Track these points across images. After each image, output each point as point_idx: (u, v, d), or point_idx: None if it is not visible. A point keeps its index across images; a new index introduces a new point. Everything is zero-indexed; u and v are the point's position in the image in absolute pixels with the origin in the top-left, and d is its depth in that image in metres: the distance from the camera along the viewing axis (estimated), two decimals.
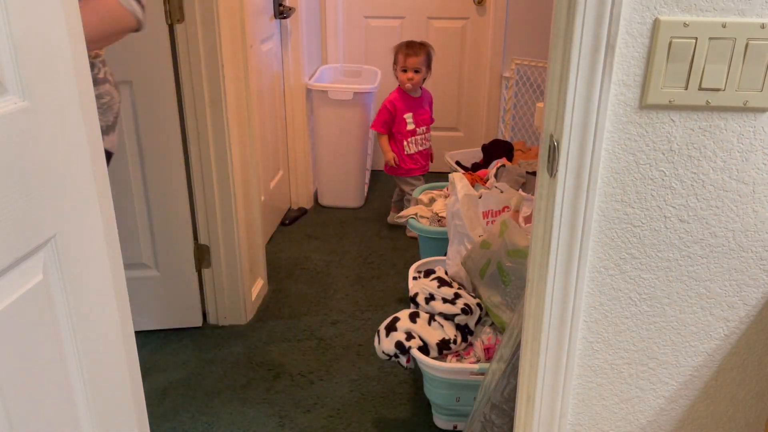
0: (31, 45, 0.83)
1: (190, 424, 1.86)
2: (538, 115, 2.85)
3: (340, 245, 2.96)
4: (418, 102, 3.03)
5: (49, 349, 0.91)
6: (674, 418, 1.06)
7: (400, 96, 2.99)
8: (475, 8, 3.54)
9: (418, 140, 3.04)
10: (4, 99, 0.80)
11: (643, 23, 0.83)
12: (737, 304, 0.97)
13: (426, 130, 3.08)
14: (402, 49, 2.92)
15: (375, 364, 2.10)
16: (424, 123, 3.05)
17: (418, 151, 3.05)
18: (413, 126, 3.00)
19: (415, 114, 3.00)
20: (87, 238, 0.99)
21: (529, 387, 1.08)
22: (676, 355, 1.01)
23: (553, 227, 0.94)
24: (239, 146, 2.21)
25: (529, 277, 1.05)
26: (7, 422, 0.83)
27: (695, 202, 0.91)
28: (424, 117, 3.05)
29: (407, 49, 2.89)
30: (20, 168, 0.82)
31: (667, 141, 0.88)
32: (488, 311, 1.78)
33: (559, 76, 0.88)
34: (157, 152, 2.04)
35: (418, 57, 2.89)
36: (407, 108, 2.98)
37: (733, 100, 0.85)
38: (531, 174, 2.50)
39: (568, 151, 0.89)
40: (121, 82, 1.94)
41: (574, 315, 0.98)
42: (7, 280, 0.82)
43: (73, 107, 0.94)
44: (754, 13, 0.82)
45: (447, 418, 1.81)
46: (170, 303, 2.25)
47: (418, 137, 3.04)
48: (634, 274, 0.96)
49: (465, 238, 1.94)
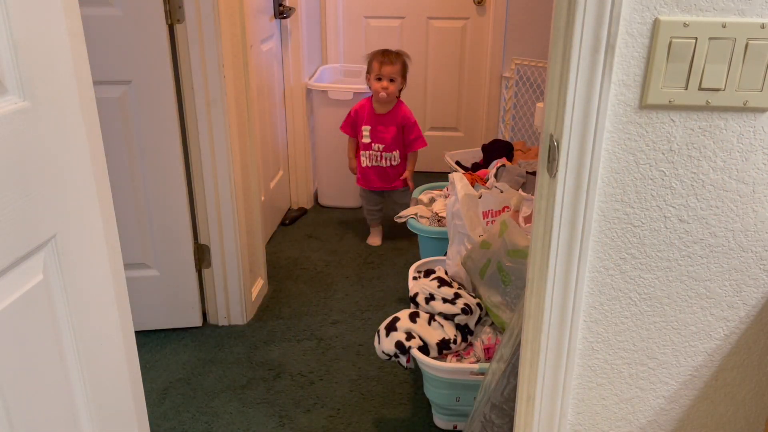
0: (31, 45, 0.83)
1: (190, 424, 1.86)
2: (538, 115, 2.86)
3: (340, 245, 2.96)
4: (381, 119, 2.83)
5: (49, 349, 0.91)
6: (674, 418, 1.06)
7: (366, 105, 2.86)
8: (475, 8, 3.54)
9: (373, 156, 2.86)
10: (4, 99, 0.80)
11: (643, 23, 0.83)
12: (737, 304, 0.97)
13: (384, 149, 2.85)
14: (377, 57, 2.75)
15: (375, 364, 2.10)
16: (382, 142, 2.84)
17: (371, 166, 2.88)
18: (368, 140, 2.85)
19: (373, 129, 2.83)
20: (87, 238, 0.99)
21: (529, 387, 1.08)
22: (676, 355, 1.01)
23: (553, 227, 0.94)
24: (239, 146, 2.21)
25: (529, 277, 1.05)
26: (7, 422, 0.83)
27: (695, 202, 0.91)
28: (384, 136, 2.83)
29: (383, 57, 2.72)
30: (20, 168, 0.82)
31: (667, 141, 0.88)
32: (488, 311, 1.78)
33: (559, 76, 0.88)
34: (157, 152, 2.04)
35: (393, 66, 2.72)
36: (368, 120, 2.83)
37: (733, 100, 0.85)
38: (531, 174, 2.50)
39: (568, 151, 0.89)
40: (121, 82, 1.95)
41: (574, 315, 0.98)
42: (7, 280, 0.82)
43: (73, 107, 0.94)
44: (754, 13, 0.82)
45: (447, 418, 1.81)
46: (170, 303, 2.25)
47: (373, 153, 2.86)
48: (634, 274, 0.96)
49: (465, 238, 1.94)
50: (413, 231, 2.41)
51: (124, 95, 1.96)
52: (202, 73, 2.00)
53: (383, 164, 2.87)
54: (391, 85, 2.73)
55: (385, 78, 2.72)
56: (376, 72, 2.73)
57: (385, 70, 2.71)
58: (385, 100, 2.77)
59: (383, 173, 2.90)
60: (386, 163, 2.86)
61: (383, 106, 2.81)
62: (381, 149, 2.84)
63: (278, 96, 3.06)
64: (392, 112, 2.83)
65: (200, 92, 2.02)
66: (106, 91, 1.90)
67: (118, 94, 1.95)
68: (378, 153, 2.85)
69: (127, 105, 1.97)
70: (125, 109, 1.97)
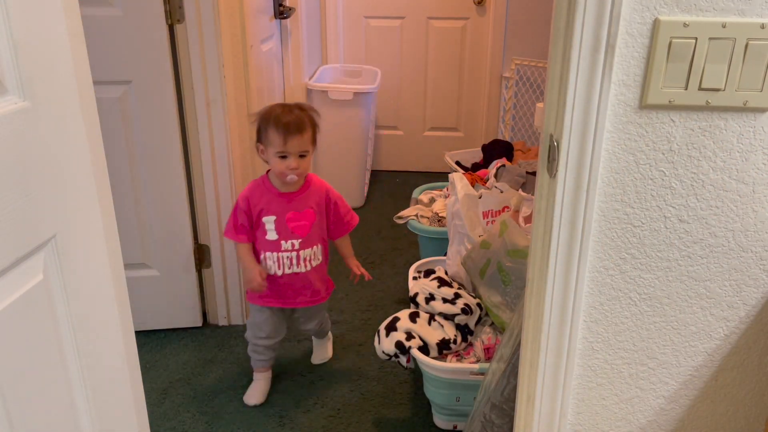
0: (31, 45, 0.83)
1: (191, 424, 1.86)
2: (538, 115, 2.85)
3: None
4: (291, 201, 1.82)
5: (49, 349, 0.91)
6: (674, 418, 1.06)
7: (260, 188, 1.82)
8: (475, 8, 3.54)
9: (285, 259, 1.83)
10: (4, 99, 0.80)
11: (643, 23, 0.83)
12: (737, 304, 0.97)
13: (301, 245, 1.83)
14: (275, 123, 1.72)
15: (375, 364, 2.10)
16: (296, 235, 1.82)
17: (285, 275, 1.85)
18: (275, 236, 1.81)
19: (280, 218, 1.80)
20: (87, 238, 0.99)
21: (529, 387, 1.08)
22: (676, 355, 1.01)
23: (553, 227, 0.94)
24: (239, 146, 2.21)
25: (529, 277, 1.05)
26: (7, 422, 0.83)
27: (695, 202, 0.91)
28: (302, 224, 1.83)
29: (285, 127, 1.71)
30: (20, 168, 0.82)
31: (667, 141, 0.88)
32: (488, 311, 1.78)
33: (559, 76, 0.88)
34: (157, 152, 2.04)
35: (303, 135, 1.73)
36: (269, 207, 1.81)
37: (733, 100, 0.85)
38: (531, 174, 2.50)
39: (568, 151, 0.89)
40: (121, 81, 1.94)
41: (574, 315, 0.98)
42: (7, 280, 0.82)
43: (73, 107, 0.94)
44: (754, 13, 0.82)
45: (447, 418, 1.81)
46: (170, 303, 2.25)
47: (285, 254, 1.83)
48: (634, 274, 0.96)
49: (465, 238, 1.94)
50: (413, 231, 2.41)
51: (124, 95, 1.96)
52: (202, 73, 2.00)
53: (302, 268, 1.85)
54: (302, 162, 1.75)
55: (293, 155, 1.73)
56: (277, 147, 1.72)
57: (292, 144, 1.71)
58: (290, 184, 1.80)
59: (304, 282, 1.88)
60: (306, 266, 1.86)
61: (293, 185, 1.81)
62: (297, 246, 1.82)
63: (278, 96, 3.06)
64: (305, 187, 1.84)
65: (200, 92, 2.02)
66: (106, 91, 1.90)
67: (118, 94, 1.95)
68: (292, 253, 1.83)
69: (127, 105, 1.97)
70: (125, 109, 1.97)
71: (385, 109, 3.78)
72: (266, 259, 1.84)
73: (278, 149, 1.72)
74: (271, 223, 1.81)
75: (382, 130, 3.84)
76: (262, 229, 1.82)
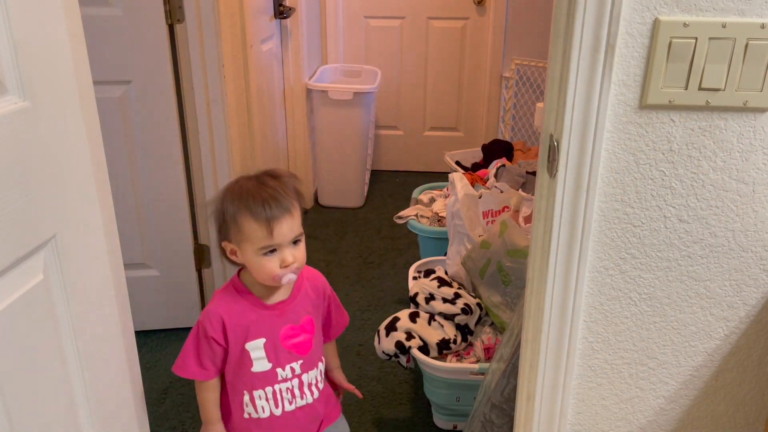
0: (31, 45, 0.83)
1: (190, 424, 1.85)
2: (538, 115, 2.85)
3: (340, 245, 2.96)
4: (285, 311, 1.27)
5: (49, 349, 0.91)
6: (674, 418, 1.06)
7: (236, 301, 1.25)
8: (475, 8, 3.54)
9: (285, 391, 1.28)
10: (4, 99, 0.80)
11: (643, 23, 0.83)
12: (737, 304, 0.97)
13: (303, 367, 1.29)
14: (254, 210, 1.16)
15: (375, 364, 2.10)
16: (299, 353, 1.28)
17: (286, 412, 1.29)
18: (268, 365, 1.26)
19: (272, 339, 1.25)
20: (87, 238, 0.99)
21: (529, 387, 1.08)
22: (676, 355, 1.01)
23: (553, 227, 0.94)
24: (239, 146, 2.21)
25: (529, 277, 1.05)
26: (7, 422, 0.83)
27: (695, 202, 0.91)
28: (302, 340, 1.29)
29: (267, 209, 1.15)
30: (20, 168, 0.82)
31: (667, 141, 0.88)
32: (488, 311, 1.78)
33: (559, 76, 0.88)
34: (157, 152, 2.04)
35: (292, 214, 1.20)
36: (256, 328, 1.25)
37: (733, 100, 0.85)
38: (531, 174, 2.50)
39: (568, 151, 0.89)
40: (121, 81, 1.94)
41: (574, 315, 0.98)
42: (7, 280, 0.82)
43: (73, 107, 0.94)
44: (754, 13, 0.82)
45: (447, 418, 1.81)
46: (170, 303, 2.25)
47: (284, 386, 1.28)
48: (634, 274, 0.96)
49: (465, 238, 1.94)
50: (413, 231, 2.41)
51: (124, 95, 1.96)
52: (202, 73, 2.00)
53: (307, 399, 1.31)
54: (298, 252, 1.21)
55: (285, 246, 1.19)
56: (260, 242, 1.17)
57: (281, 232, 1.17)
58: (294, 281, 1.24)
59: (311, 416, 1.34)
60: (312, 394, 1.32)
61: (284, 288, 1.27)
62: (298, 371, 1.29)
63: (278, 96, 3.06)
64: (297, 287, 1.30)
65: (200, 92, 2.02)
66: (106, 91, 1.90)
67: (118, 94, 1.95)
68: (293, 381, 1.29)
69: (127, 105, 1.97)
70: (125, 109, 1.97)
71: (385, 109, 3.78)
72: (253, 401, 1.27)
73: (262, 244, 1.16)
74: (260, 349, 1.24)
75: (382, 130, 3.84)
76: (245, 361, 1.24)
